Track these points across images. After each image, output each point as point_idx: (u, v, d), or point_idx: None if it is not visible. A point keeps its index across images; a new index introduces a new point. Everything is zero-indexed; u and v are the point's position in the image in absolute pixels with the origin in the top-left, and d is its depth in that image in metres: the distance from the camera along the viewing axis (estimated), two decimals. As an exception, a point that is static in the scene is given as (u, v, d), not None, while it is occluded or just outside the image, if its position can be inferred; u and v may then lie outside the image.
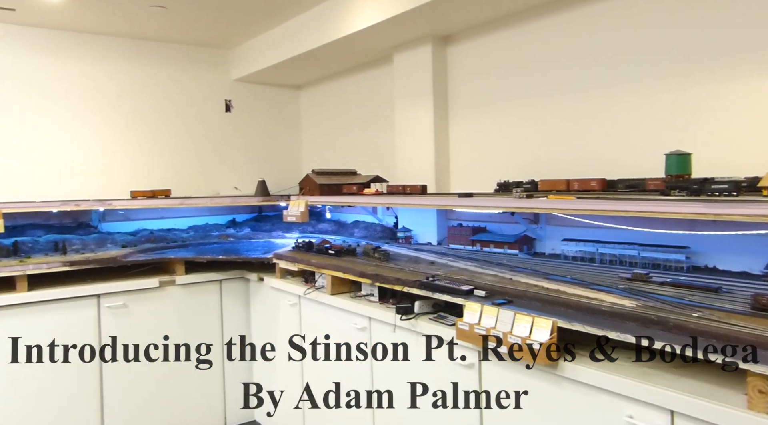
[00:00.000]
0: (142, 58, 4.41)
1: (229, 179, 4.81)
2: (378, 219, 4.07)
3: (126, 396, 3.42)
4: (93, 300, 3.33)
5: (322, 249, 3.37)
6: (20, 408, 3.08)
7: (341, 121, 4.69)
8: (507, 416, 2.03)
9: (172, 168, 4.53)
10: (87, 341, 3.30)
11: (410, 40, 3.60)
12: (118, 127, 4.32)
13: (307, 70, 4.50)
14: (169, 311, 3.60)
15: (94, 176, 4.21)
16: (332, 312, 2.98)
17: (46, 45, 4.02)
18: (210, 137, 4.73)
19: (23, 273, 3.14)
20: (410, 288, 2.44)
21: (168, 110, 4.53)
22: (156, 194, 3.99)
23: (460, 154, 3.55)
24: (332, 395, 3.03)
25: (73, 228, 4.00)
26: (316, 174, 3.91)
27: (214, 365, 3.75)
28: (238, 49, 4.70)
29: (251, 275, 3.76)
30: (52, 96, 4.05)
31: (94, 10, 3.66)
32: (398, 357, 2.55)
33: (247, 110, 4.93)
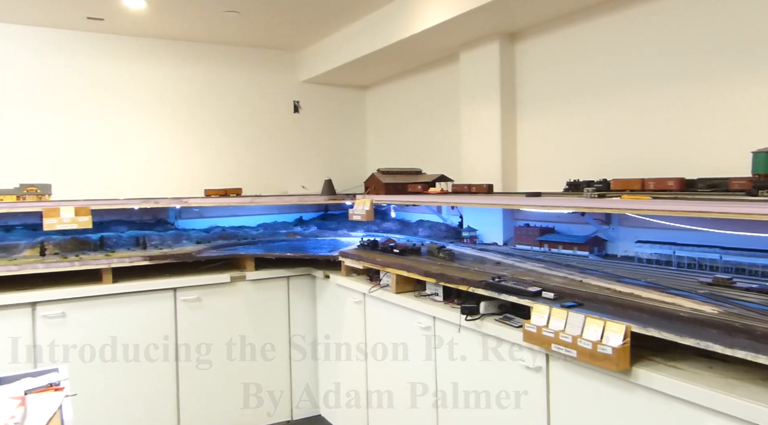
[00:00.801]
0: (217, 61, 4.59)
1: (297, 178, 4.93)
2: (442, 219, 4.05)
3: (199, 384, 3.58)
4: (170, 294, 3.51)
5: (387, 248, 3.39)
6: (103, 391, 3.29)
7: (406, 121, 4.70)
8: (576, 422, 1.97)
9: (243, 167, 4.70)
10: (164, 331, 3.48)
11: (477, 37, 3.56)
12: (194, 129, 4.52)
13: (373, 71, 4.54)
14: (240, 306, 3.73)
15: (171, 175, 4.43)
16: (396, 311, 3.00)
17: (130, 52, 4.27)
18: (279, 137, 4.87)
19: (108, 266, 3.35)
20: (476, 289, 2.42)
21: (240, 112, 4.70)
22: (228, 192, 4.15)
23: (527, 152, 3.48)
24: (396, 393, 3.05)
25: (152, 224, 4.22)
26: (382, 173, 3.94)
27: (281, 359, 3.86)
28: (307, 51, 4.81)
29: (317, 272, 3.84)
30: (134, 100, 4.30)
31: (173, 17, 3.85)
32: (463, 358, 2.53)
33: (315, 111, 5.03)
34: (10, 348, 3.04)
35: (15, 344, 3.07)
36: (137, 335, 3.39)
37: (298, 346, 3.91)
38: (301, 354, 3.92)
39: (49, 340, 3.16)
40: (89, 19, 3.82)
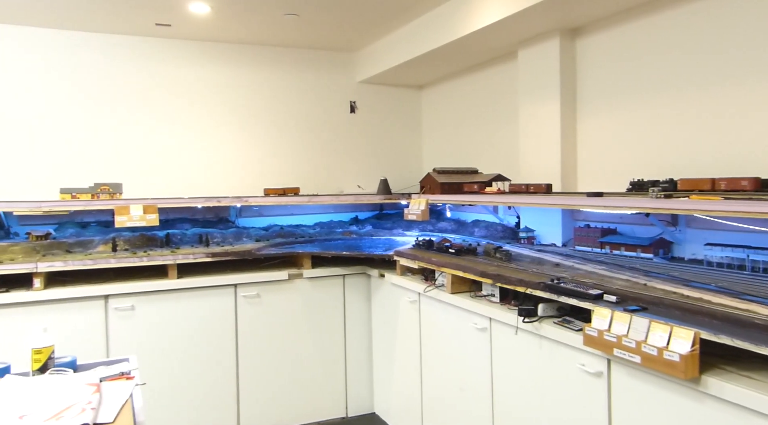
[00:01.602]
0: (276, 64, 4.71)
1: (353, 177, 4.98)
2: (499, 219, 3.99)
3: (257, 377, 3.68)
4: (231, 289, 3.62)
5: (443, 248, 3.38)
6: (168, 380, 3.43)
7: (463, 120, 4.66)
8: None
9: (301, 167, 4.80)
10: (225, 326, 3.60)
11: (537, 34, 3.49)
12: (254, 129, 4.65)
13: (429, 70, 4.53)
14: (297, 303, 3.81)
15: (232, 175, 4.57)
16: (452, 311, 2.98)
17: (195, 56, 4.43)
18: (335, 137, 4.94)
19: (174, 262, 3.50)
20: (534, 290, 2.37)
21: (298, 112, 4.80)
22: (286, 192, 4.24)
23: (588, 151, 3.38)
24: (451, 394, 3.04)
25: (214, 222, 4.37)
26: (437, 172, 3.93)
27: (337, 356, 3.91)
28: (363, 52, 4.85)
29: (373, 271, 3.87)
30: (198, 102, 4.47)
31: (235, 21, 3.97)
32: (520, 360, 2.49)
33: (371, 110, 5.07)
34: (86, 338, 3.22)
35: (90, 334, 3.25)
36: (200, 328, 3.53)
37: (353, 343, 3.96)
38: (356, 351, 3.97)
39: (120, 331, 3.33)
40: (158, 25, 4.00)
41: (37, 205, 3.41)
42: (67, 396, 1.53)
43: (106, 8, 3.64)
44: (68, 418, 1.38)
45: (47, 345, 1.83)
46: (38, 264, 3.18)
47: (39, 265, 3.18)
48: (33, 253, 3.41)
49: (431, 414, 3.25)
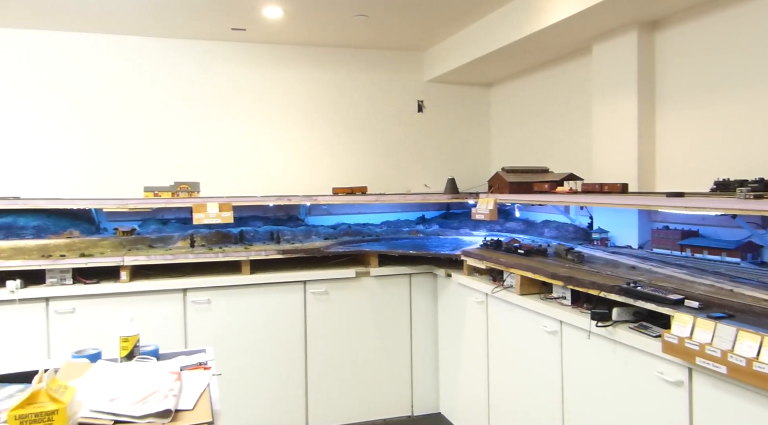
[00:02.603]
0: (345, 65, 4.78)
1: (420, 177, 4.98)
2: (570, 219, 3.88)
3: (325, 373, 3.76)
4: (300, 286, 3.72)
5: (511, 248, 3.32)
6: (241, 372, 3.56)
7: (532, 118, 4.56)
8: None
9: (368, 166, 4.85)
10: (295, 321, 3.69)
11: (613, 28, 3.36)
12: (323, 130, 4.75)
13: (498, 67, 4.46)
14: (364, 300, 3.86)
15: (302, 174, 4.68)
16: (520, 313, 2.93)
17: (268, 58, 4.58)
18: (403, 137, 4.95)
19: (247, 259, 3.63)
20: (608, 294, 2.29)
21: (366, 112, 4.85)
22: (354, 191, 4.30)
23: (667, 149, 3.22)
24: (519, 398, 2.98)
25: (284, 220, 4.50)
26: (506, 172, 3.86)
27: (403, 354, 3.93)
28: (432, 51, 4.84)
29: (439, 271, 3.86)
30: (270, 103, 4.61)
31: (306, 24, 4.07)
32: (592, 366, 2.41)
33: (438, 109, 5.05)
34: (166, 328, 3.40)
35: (170, 325, 3.43)
36: (270, 323, 3.64)
37: (418, 342, 3.96)
38: (422, 350, 3.97)
39: (197, 323, 3.49)
40: (233, 30, 4.16)
41: (124, 203, 3.64)
42: (152, 383, 1.62)
43: (185, 15, 3.82)
44: (153, 403, 1.46)
45: (133, 334, 1.94)
46: (125, 258, 3.40)
47: (125, 259, 3.40)
48: (120, 248, 3.64)
49: (499, 416, 3.20)
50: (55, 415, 1.18)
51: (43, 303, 3.25)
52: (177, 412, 1.47)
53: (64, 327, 3.27)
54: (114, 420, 1.38)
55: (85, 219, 3.96)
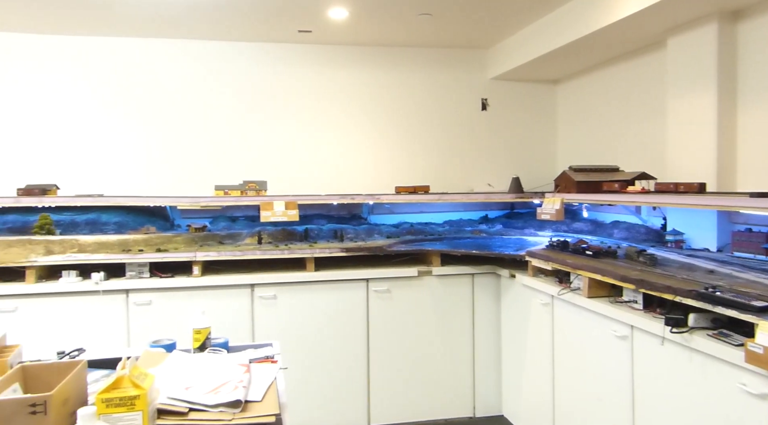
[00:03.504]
0: (408, 64, 4.79)
1: (483, 176, 4.92)
2: (642, 220, 3.72)
3: (387, 371, 3.78)
4: (363, 284, 3.76)
5: (579, 249, 3.22)
6: (304, 367, 3.64)
7: (601, 115, 4.40)
8: (813, 464, 1.67)
9: (431, 165, 4.84)
10: (357, 319, 3.74)
11: (690, 19, 3.19)
12: (386, 128, 4.77)
13: (565, 63, 4.34)
14: (426, 300, 3.85)
15: (365, 173, 4.73)
16: (588, 316, 2.84)
17: (333, 59, 4.66)
18: (466, 135, 4.91)
19: (312, 256, 3.71)
20: (683, 298, 2.18)
21: (429, 111, 4.84)
22: (417, 190, 4.30)
23: (751, 146, 3.03)
24: (586, 404, 2.89)
25: (347, 219, 4.56)
26: (574, 171, 3.75)
27: (465, 355, 3.90)
28: (496, 48, 4.76)
29: (503, 271, 3.80)
30: (333, 103, 4.68)
31: (370, 24, 4.11)
32: (666, 374, 2.30)
33: (502, 107, 4.97)
34: (234, 322, 3.53)
35: (238, 318, 3.56)
36: (334, 320, 3.70)
37: (481, 343, 3.92)
38: (485, 351, 3.92)
39: (263, 318, 3.60)
40: (300, 32, 4.25)
41: (196, 200, 3.80)
42: (223, 373, 1.69)
43: (253, 20, 3.95)
44: (224, 393, 1.52)
45: (205, 327, 2.03)
46: (197, 254, 3.55)
47: (197, 255, 3.55)
48: (192, 244, 3.80)
49: (564, 421, 3.12)
50: (136, 400, 1.25)
51: (124, 294, 3.45)
52: (246, 403, 1.52)
53: (141, 318, 3.46)
54: (189, 408, 1.45)
55: (161, 216, 4.17)
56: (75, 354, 2.02)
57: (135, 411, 1.26)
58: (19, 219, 3.77)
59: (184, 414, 1.43)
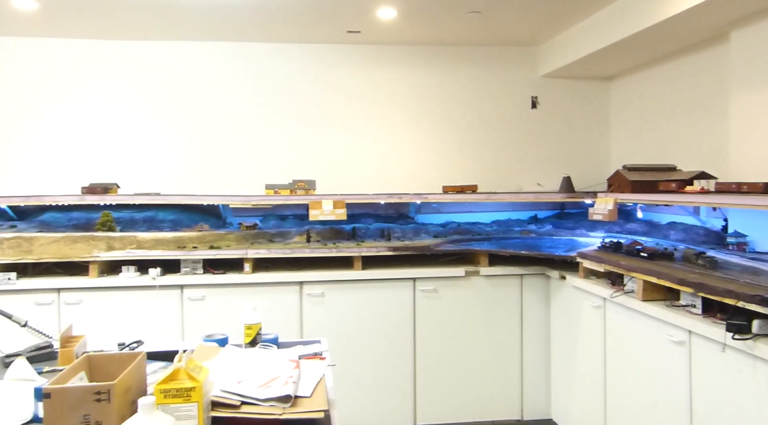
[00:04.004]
0: (455, 62, 4.75)
1: (532, 175, 4.84)
2: (701, 222, 3.57)
3: (433, 371, 3.78)
4: (410, 283, 3.76)
5: (633, 251, 3.13)
6: (351, 365, 3.68)
7: (658, 112, 4.25)
8: None
9: (478, 164, 4.79)
10: (404, 318, 3.75)
11: (757, 10, 3.04)
12: (433, 127, 4.76)
13: (620, 59, 4.21)
14: (473, 300, 3.82)
15: (412, 172, 4.72)
16: (642, 320, 2.75)
17: (381, 59, 4.67)
18: (515, 134, 4.84)
19: (359, 255, 3.74)
20: (747, 303, 2.08)
21: (477, 109, 4.79)
22: (464, 189, 4.27)
23: (822, 144, 2.86)
24: (640, 412, 2.80)
25: (394, 218, 4.57)
26: (628, 170, 3.64)
27: (513, 357, 3.84)
28: (547, 44, 4.67)
29: (552, 272, 3.72)
30: (382, 103, 4.70)
31: (419, 23, 4.10)
32: (726, 381, 2.20)
33: (553, 105, 4.87)
34: (283, 319, 3.60)
35: (287, 315, 3.63)
36: (381, 318, 3.72)
37: (529, 345, 3.85)
38: (533, 353, 3.86)
39: (311, 315, 3.66)
40: (349, 32, 4.29)
41: (247, 199, 3.90)
42: (273, 369, 1.72)
43: (302, 21, 4.01)
44: (275, 388, 1.55)
45: (256, 323, 2.08)
46: (248, 251, 3.64)
47: (248, 252, 3.64)
48: (243, 241, 3.90)
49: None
50: (192, 392, 1.30)
51: (178, 290, 3.57)
52: (296, 398, 1.55)
53: (195, 313, 3.57)
54: (241, 401, 1.49)
55: (214, 214, 4.29)
56: (134, 346, 2.11)
57: (191, 403, 1.30)
58: (83, 216, 3.96)
59: (237, 407, 1.46)
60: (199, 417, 1.31)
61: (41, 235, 3.62)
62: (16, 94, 4.29)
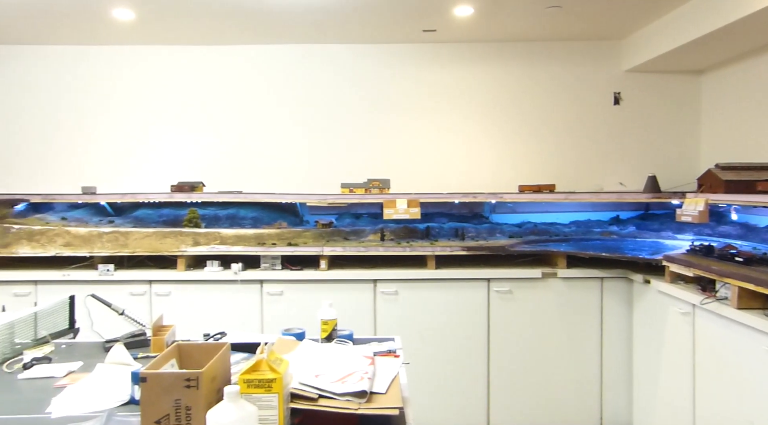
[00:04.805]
0: (533, 58, 4.64)
1: (614, 174, 4.63)
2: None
3: (507, 373, 3.71)
4: (484, 284, 3.71)
5: (726, 255, 2.93)
6: (424, 364, 3.68)
7: (755, 108, 3.95)
8: None
9: (557, 163, 4.65)
10: (477, 319, 3.70)
11: None
12: (509, 125, 4.66)
13: (712, 52, 3.94)
14: (549, 303, 3.72)
15: (487, 171, 4.66)
16: (736, 329, 2.57)
17: (455, 57, 4.64)
18: (595, 132, 4.65)
19: (432, 254, 3.74)
20: None
21: (555, 106, 4.65)
22: (541, 188, 4.16)
23: None
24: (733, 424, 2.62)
25: (468, 217, 4.52)
26: (721, 169, 3.42)
27: (591, 363, 3.71)
28: (632, 38, 4.46)
29: (636, 276, 3.56)
30: (456, 101, 4.66)
31: (496, 20, 4.04)
32: (834, 400, 2.02)
33: (638, 101, 4.64)
34: (357, 315, 3.66)
35: (361, 312, 3.68)
36: (454, 318, 3.70)
37: (610, 351, 3.70)
38: (614, 359, 3.70)
39: (385, 313, 3.70)
40: (424, 31, 4.29)
41: (323, 198, 3.99)
42: (349, 364, 1.75)
43: (378, 22, 4.05)
44: (350, 383, 1.58)
45: (332, 318, 2.13)
46: (324, 249, 3.73)
47: (324, 249, 3.73)
48: (319, 239, 4.00)
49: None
50: (273, 383, 1.35)
51: (258, 284, 3.71)
52: (371, 394, 1.57)
53: (273, 307, 3.70)
54: (318, 394, 1.53)
55: (291, 212, 4.42)
56: (218, 336, 2.22)
57: (272, 393, 1.35)
58: (172, 212, 4.21)
59: (314, 400, 1.50)
60: (280, 407, 1.36)
61: (135, 230, 3.89)
62: (113, 100, 4.61)
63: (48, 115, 4.60)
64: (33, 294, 3.70)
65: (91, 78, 4.60)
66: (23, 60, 4.59)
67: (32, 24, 4.03)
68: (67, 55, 4.58)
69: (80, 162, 4.59)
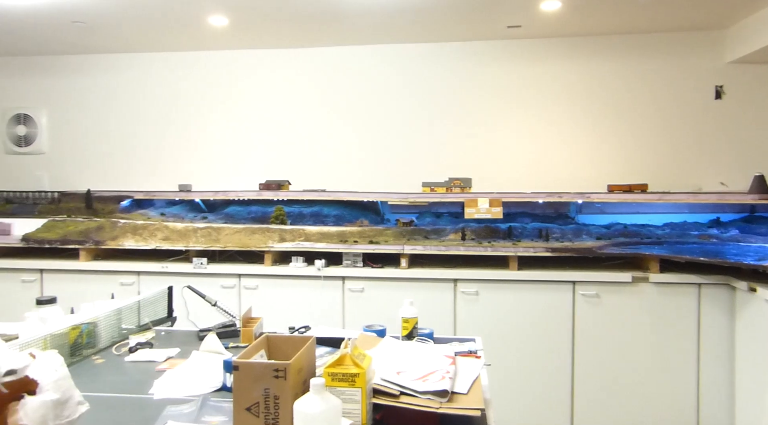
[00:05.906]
0: (624, 52, 4.42)
1: (714, 173, 4.33)
2: None
3: (593, 379, 3.57)
4: (569, 286, 3.59)
5: None
6: (505, 366, 3.61)
7: None
8: None
9: (649, 161, 4.40)
10: (562, 322, 3.59)
11: None
12: (598, 122, 4.47)
13: (832, 38, 3.59)
14: (640, 309, 3.54)
15: (573, 169, 4.49)
16: None
17: (540, 53, 4.51)
18: (692, 128, 4.36)
19: (515, 254, 3.66)
20: None
21: (647, 101, 4.41)
22: (632, 188, 3.96)
23: None
24: None
25: (553, 218, 4.38)
26: (841, 167, 3.10)
27: (687, 374, 3.49)
28: (736, 27, 4.14)
29: (739, 283, 3.30)
30: (541, 98, 4.53)
31: (585, 13, 3.89)
32: None
33: (743, 95, 4.30)
34: (437, 315, 3.65)
35: (440, 312, 3.67)
36: (537, 321, 3.61)
37: (708, 363, 3.46)
38: (712, 372, 3.46)
39: (465, 313, 3.66)
40: (509, 28, 4.21)
41: (405, 196, 4.02)
42: (430, 363, 1.76)
43: (460, 19, 4.01)
44: (432, 381, 1.59)
45: (413, 316, 2.14)
46: (404, 247, 3.75)
47: (405, 248, 3.75)
48: (400, 237, 4.02)
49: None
50: (356, 377, 1.38)
51: (340, 281, 3.80)
52: (452, 394, 1.56)
53: (354, 304, 3.77)
54: (400, 391, 1.54)
55: (372, 210, 4.48)
56: (303, 330, 2.29)
57: (355, 387, 1.38)
58: (260, 210, 4.40)
59: (396, 397, 1.52)
60: (362, 402, 1.38)
61: (226, 226, 4.10)
62: (206, 102, 4.88)
63: (151, 117, 4.95)
64: (136, 284, 4.00)
65: (189, 82, 4.89)
66: (136, 66, 4.96)
67: (143, 32, 4.35)
68: (169, 61, 4.91)
69: (177, 161, 4.90)
